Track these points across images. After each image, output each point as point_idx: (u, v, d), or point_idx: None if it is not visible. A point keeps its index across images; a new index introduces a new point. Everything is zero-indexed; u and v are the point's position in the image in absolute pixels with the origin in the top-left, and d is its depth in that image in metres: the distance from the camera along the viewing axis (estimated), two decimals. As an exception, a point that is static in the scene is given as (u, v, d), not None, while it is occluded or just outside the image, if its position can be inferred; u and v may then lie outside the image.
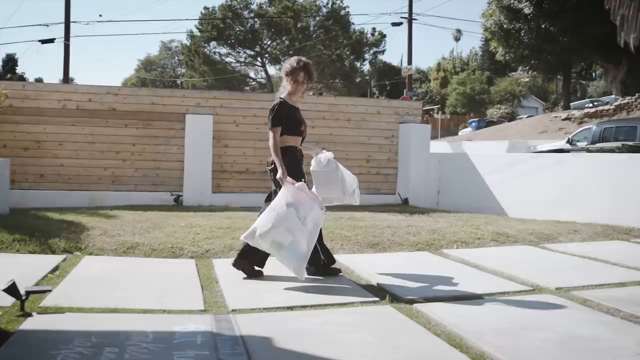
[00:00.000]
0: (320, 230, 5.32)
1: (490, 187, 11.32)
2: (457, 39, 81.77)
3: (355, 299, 4.70)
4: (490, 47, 34.59)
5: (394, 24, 35.81)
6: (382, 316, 4.29)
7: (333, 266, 5.59)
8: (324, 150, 5.64)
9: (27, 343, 3.44)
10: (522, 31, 30.05)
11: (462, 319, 4.17)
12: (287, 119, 5.27)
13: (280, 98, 5.38)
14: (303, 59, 5.50)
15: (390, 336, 3.79)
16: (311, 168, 5.50)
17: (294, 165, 5.26)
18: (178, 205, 10.85)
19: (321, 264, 5.45)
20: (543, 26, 29.14)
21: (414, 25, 34.68)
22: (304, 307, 4.43)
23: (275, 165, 5.19)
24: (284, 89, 5.45)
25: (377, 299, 4.74)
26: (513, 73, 60.62)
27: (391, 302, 4.66)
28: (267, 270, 5.48)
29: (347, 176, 5.61)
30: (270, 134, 5.21)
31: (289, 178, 5.04)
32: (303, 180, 5.22)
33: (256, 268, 5.41)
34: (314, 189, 5.43)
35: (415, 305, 4.55)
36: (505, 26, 30.15)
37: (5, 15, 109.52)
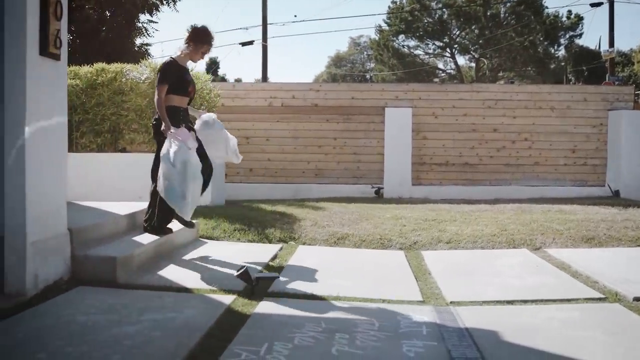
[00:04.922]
0: None
1: None
2: (663, 15, 74.77)
3: (578, 295, 4.49)
4: None
5: (592, 5, 33.58)
6: (611, 315, 4.05)
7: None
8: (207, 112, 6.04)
9: (263, 325, 3.68)
10: None
11: None
12: (175, 78, 5.40)
13: (171, 57, 5.56)
14: (210, 31, 5.59)
15: (626, 337, 3.56)
16: (196, 127, 5.73)
17: (176, 123, 5.32)
18: (379, 197, 11.06)
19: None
20: None
21: (615, 4, 32.24)
22: (524, 301, 4.31)
23: (158, 122, 5.39)
24: (179, 50, 5.55)
25: (602, 295, 4.49)
26: None
27: (618, 300, 4.40)
28: (470, 261, 5.41)
29: (231, 138, 5.98)
30: (156, 91, 5.35)
31: (172, 128, 5.18)
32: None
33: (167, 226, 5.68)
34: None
35: (647, 304, 4.25)
36: None
37: (208, 22, 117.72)
